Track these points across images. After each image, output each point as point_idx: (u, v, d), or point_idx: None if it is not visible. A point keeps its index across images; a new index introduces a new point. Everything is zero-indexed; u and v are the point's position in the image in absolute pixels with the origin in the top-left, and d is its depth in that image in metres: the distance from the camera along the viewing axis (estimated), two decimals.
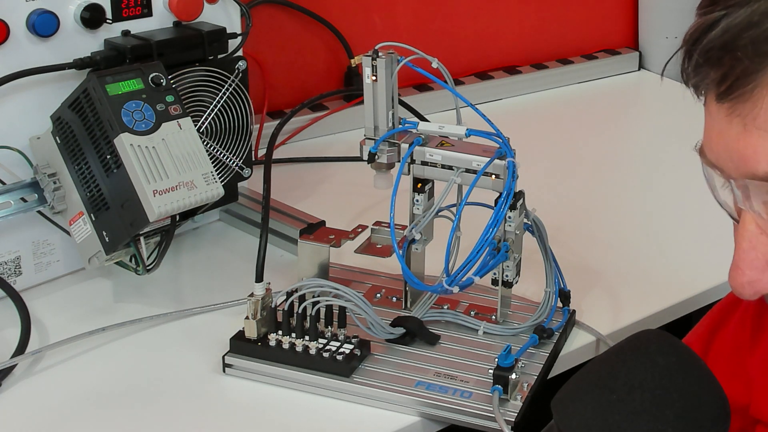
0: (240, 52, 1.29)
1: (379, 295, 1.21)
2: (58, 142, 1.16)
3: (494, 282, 1.13)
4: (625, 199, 1.56)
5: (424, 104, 1.66)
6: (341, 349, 1.06)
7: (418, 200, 1.14)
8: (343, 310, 1.07)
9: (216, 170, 1.18)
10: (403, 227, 1.14)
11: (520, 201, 1.10)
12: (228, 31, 1.27)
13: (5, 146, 1.16)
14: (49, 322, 1.17)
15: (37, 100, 1.17)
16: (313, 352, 1.06)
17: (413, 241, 1.14)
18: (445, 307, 1.18)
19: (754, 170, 0.67)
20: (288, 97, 1.74)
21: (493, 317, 1.15)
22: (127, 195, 1.11)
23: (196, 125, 1.20)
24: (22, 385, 1.07)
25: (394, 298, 1.20)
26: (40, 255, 1.23)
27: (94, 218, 1.15)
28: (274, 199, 1.35)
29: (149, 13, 1.24)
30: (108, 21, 1.20)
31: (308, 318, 1.06)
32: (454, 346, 1.12)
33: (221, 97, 1.27)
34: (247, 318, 1.08)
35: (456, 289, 1.06)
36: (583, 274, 1.29)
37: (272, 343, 1.07)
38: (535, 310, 1.16)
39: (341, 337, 1.08)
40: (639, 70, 2.13)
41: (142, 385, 1.08)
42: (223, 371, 1.09)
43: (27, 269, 1.22)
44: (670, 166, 1.68)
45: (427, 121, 1.25)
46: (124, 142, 1.10)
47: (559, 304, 1.16)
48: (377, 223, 1.19)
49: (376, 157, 1.13)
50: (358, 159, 1.15)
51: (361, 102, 1.13)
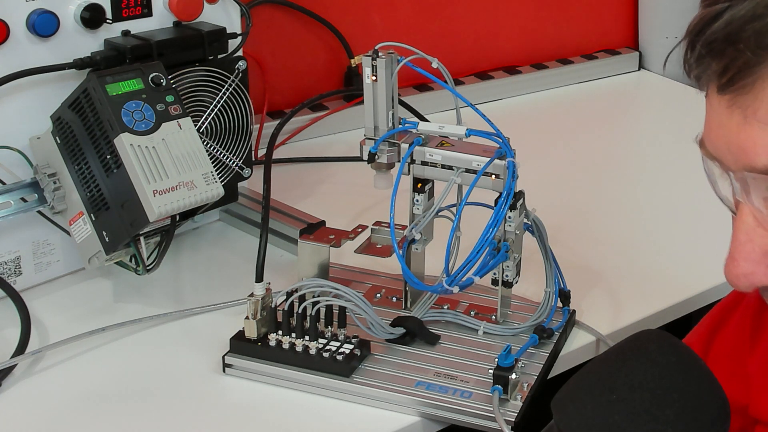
0: (240, 52, 1.29)
1: (379, 295, 1.21)
2: (58, 142, 1.16)
3: (494, 282, 1.13)
4: (625, 199, 1.56)
5: (424, 104, 1.66)
6: (341, 349, 1.06)
7: (418, 200, 1.14)
8: (343, 310, 1.07)
9: (216, 170, 1.18)
10: (403, 227, 1.14)
11: (520, 201, 1.10)
12: (228, 31, 1.27)
13: (5, 146, 1.16)
14: (49, 322, 1.17)
15: (37, 100, 1.17)
16: (313, 352, 1.06)
17: (413, 241, 1.14)
18: (445, 307, 1.18)
19: (753, 163, 0.67)
20: (288, 97, 1.74)
21: (493, 317, 1.15)
22: (127, 195, 1.11)
23: (196, 125, 1.20)
24: (22, 385, 1.07)
25: (394, 298, 1.20)
26: (40, 255, 1.23)
27: (94, 218, 1.15)
28: (274, 199, 1.35)
29: (149, 13, 1.24)
30: (108, 21, 1.20)
31: (308, 318, 1.06)
32: (454, 346, 1.12)
33: (221, 97, 1.27)
34: (247, 318, 1.08)
35: (456, 289, 1.06)
36: (583, 274, 1.29)
37: (272, 343, 1.07)
38: (535, 310, 1.16)
39: (341, 337, 1.08)
40: (639, 70, 2.13)
41: (142, 385, 1.08)
42: (223, 371, 1.09)
43: (27, 269, 1.22)
44: (670, 165, 1.68)
45: (427, 121, 1.25)
46: (124, 142, 1.10)
47: (559, 304, 1.16)
48: (377, 223, 1.19)
49: (376, 157, 1.13)
50: (358, 159, 1.15)
51: (361, 102, 1.13)
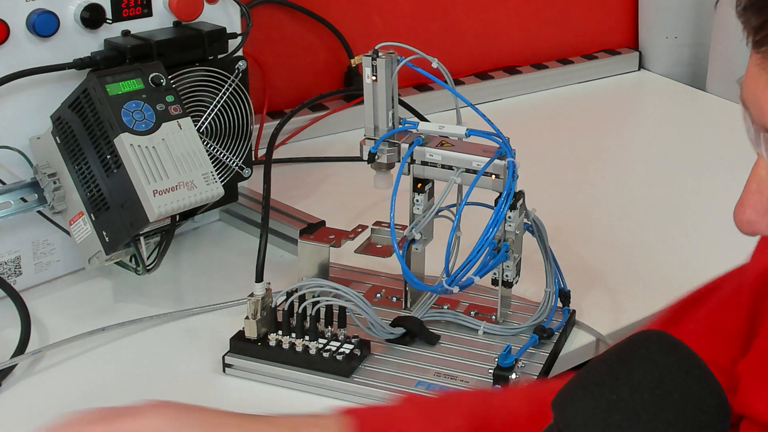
0: (240, 52, 1.29)
1: (379, 295, 1.21)
2: (58, 142, 1.16)
3: (494, 282, 1.13)
4: (625, 199, 1.56)
5: (424, 104, 1.66)
6: (341, 349, 1.06)
7: (418, 200, 1.14)
8: (343, 310, 1.07)
9: (216, 170, 1.18)
10: (403, 227, 1.14)
11: (520, 201, 1.10)
12: (228, 31, 1.27)
13: (5, 146, 1.16)
14: (49, 322, 1.17)
15: (37, 100, 1.17)
16: (313, 352, 1.06)
17: (413, 241, 1.14)
18: (445, 307, 1.18)
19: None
20: (288, 97, 1.74)
21: (493, 317, 1.15)
22: (127, 195, 1.11)
23: (196, 125, 1.20)
24: (22, 385, 1.07)
25: (394, 298, 1.20)
26: (40, 255, 1.23)
27: (94, 218, 1.15)
28: (274, 199, 1.35)
29: (149, 13, 1.24)
30: (108, 21, 1.20)
31: (308, 318, 1.06)
32: (454, 346, 1.11)
33: (221, 97, 1.27)
34: (247, 318, 1.08)
35: (456, 289, 1.06)
36: (583, 274, 1.28)
37: (272, 343, 1.07)
38: (535, 310, 1.16)
39: (341, 337, 1.08)
40: (639, 70, 2.13)
41: (142, 385, 1.08)
42: (223, 371, 1.09)
43: (27, 269, 1.22)
44: (670, 165, 1.68)
45: (427, 121, 1.25)
46: (124, 142, 1.10)
47: (559, 304, 1.16)
48: (377, 223, 1.19)
49: (376, 157, 1.13)
50: (358, 159, 1.15)
51: (361, 102, 1.13)
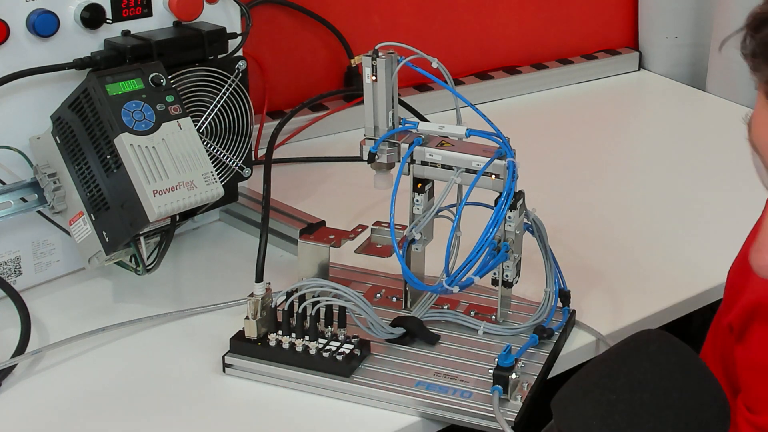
0: (240, 52, 1.29)
1: (379, 295, 1.21)
2: (58, 142, 1.16)
3: (494, 282, 1.13)
4: (625, 199, 1.56)
5: (424, 104, 1.66)
6: (341, 349, 1.06)
7: (418, 200, 1.14)
8: (343, 310, 1.07)
9: (216, 170, 1.18)
10: (403, 227, 1.14)
11: (520, 201, 1.10)
12: (228, 31, 1.27)
13: (5, 146, 1.16)
14: (49, 322, 1.17)
15: (37, 100, 1.17)
16: (313, 352, 1.06)
17: (413, 241, 1.14)
18: (445, 307, 1.18)
19: None
20: (288, 97, 1.74)
21: (493, 317, 1.15)
22: (127, 195, 1.11)
23: (196, 125, 1.20)
24: (22, 385, 1.07)
25: (394, 298, 1.20)
26: (40, 255, 1.23)
27: (94, 218, 1.15)
28: (274, 199, 1.35)
29: (149, 13, 1.24)
30: (108, 21, 1.20)
31: (308, 318, 1.06)
32: (454, 346, 1.12)
33: (221, 97, 1.27)
34: (247, 318, 1.08)
35: (456, 289, 1.06)
36: (583, 274, 1.28)
37: (272, 343, 1.07)
38: (535, 310, 1.16)
39: (341, 337, 1.08)
40: (639, 70, 2.13)
41: (142, 385, 1.08)
42: (223, 371, 1.09)
43: (27, 269, 1.22)
44: (670, 165, 1.68)
45: (427, 121, 1.25)
46: (124, 142, 1.10)
47: (559, 304, 1.16)
48: (377, 223, 1.19)
49: (376, 157, 1.13)
50: (358, 159, 1.15)
51: (361, 102, 1.13)
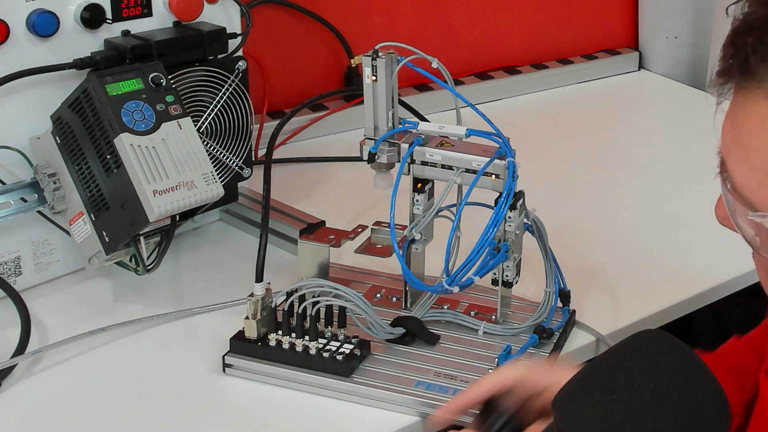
0: (240, 52, 1.29)
1: (379, 295, 1.21)
2: (58, 142, 1.16)
3: (494, 282, 1.13)
4: (625, 199, 1.56)
5: (424, 104, 1.66)
6: (341, 349, 1.06)
7: (418, 200, 1.14)
8: (343, 310, 1.07)
9: (216, 170, 1.18)
10: (403, 227, 1.14)
11: (520, 201, 1.10)
12: (228, 31, 1.27)
13: (5, 146, 1.16)
14: (49, 322, 1.17)
15: (37, 100, 1.17)
16: (313, 352, 1.06)
17: (413, 241, 1.14)
18: (445, 307, 1.18)
19: None
20: (288, 97, 1.74)
21: (493, 317, 1.15)
22: (127, 195, 1.11)
23: (196, 125, 1.20)
24: (22, 385, 1.07)
25: (394, 298, 1.20)
26: (40, 255, 1.23)
27: (94, 218, 1.15)
28: (274, 199, 1.35)
29: (149, 13, 1.24)
30: (108, 21, 1.20)
31: (308, 318, 1.06)
32: (454, 346, 1.12)
33: (221, 97, 1.27)
34: (247, 318, 1.08)
35: (456, 289, 1.06)
36: (583, 274, 1.28)
37: (272, 343, 1.07)
38: (535, 310, 1.16)
39: (341, 337, 1.08)
40: (639, 70, 2.13)
41: (142, 385, 1.08)
42: (223, 371, 1.09)
43: (27, 269, 1.22)
44: (670, 165, 1.68)
45: (427, 121, 1.25)
46: (124, 142, 1.10)
47: (559, 304, 1.16)
48: (377, 223, 1.19)
49: (376, 157, 1.13)
50: (358, 159, 1.15)
51: (361, 102, 1.13)
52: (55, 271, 1.25)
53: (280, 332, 1.07)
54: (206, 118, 1.27)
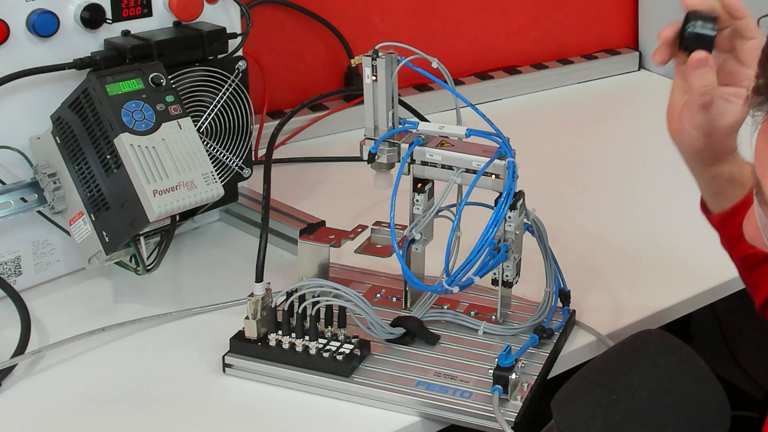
0: (240, 52, 1.29)
1: (379, 295, 1.21)
2: (58, 142, 1.16)
3: (494, 282, 1.13)
4: (625, 199, 1.56)
5: (424, 104, 1.66)
6: (341, 349, 1.06)
7: (418, 200, 1.14)
8: (343, 310, 1.07)
9: (216, 170, 1.18)
10: (403, 227, 1.14)
11: (520, 201, 1.10)
12: (228, 31, 1.27)
13: (5, 146, 1.16)
14: (49, 322, 1.17)
15: (37, 100, 1.17)
16: (313, 352, 1.06)
17: (413, 241, 1.14)
18: (445, 307, 1.18)
19: None
20: (288, 97, 1.74)
21: (493, 317, 1.15)
22: (127, 195, 1.11)
23: (196, 125, 1.20)
24: (22, 385, 1.07)
25: (394, 298, 1.20)
26: (40, 255, 1.23)
27: (94, 218, 1.15)
28: (274, 199, 1.35)
29: (149, 13, 1.24)
30: (108, 21, 1.20)
31: (308, 318, 1.06)
32: (454, 346, 1.11)
33: (221, 97, 1.27)
34: (247, 318, 1.08)
35: (456, 289, 1.06)
36: (583, 274, 1.29)
37: (272, 343, 1.07)
38: (535, 310, 1.16)
39: (341, 337, 1.08)
40: (639, 70, 2.13)
41: (142, 385, 1.08)
42: (223, 371, 1.09)
43: (27, 269, 1.22)
44: (671, 166, 1.67)
45: (427, 121, 1.25)
46: (124, 142, 1.10)
47: (559, 304, 1.16)
48: (377, 223, 1.19)
49: (376, 157, 1.13)
50: (358, 159, 1.15)
51: (361, 102, 1.13)
52: (55, 271, 1.25)
53: (280, 332, 1.07)
54: (206, 118, 1.27)
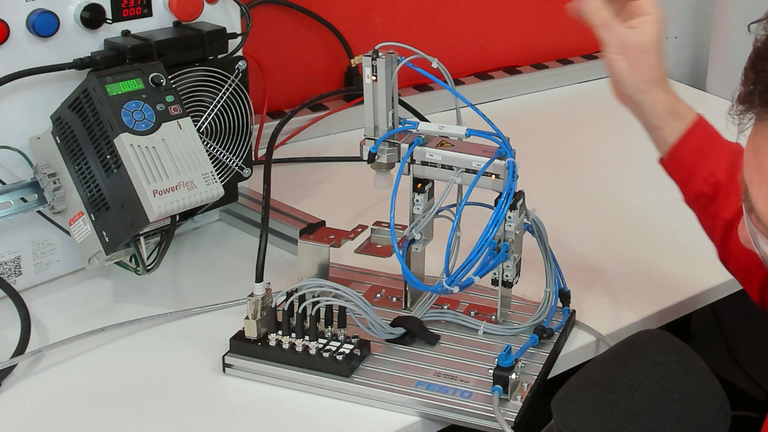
0: (240, 52, 1.30)
1: (379, 295, 1.21)
2: (58, 142, 1.16)
3: (494, 282, 1.13)
4: (625, 199, 1.56)
5: (424, 104, 1.66)
6: (341, 349, 1.06)
7: (418, 200, 1.14)
8: (343, 310, 1.07)
9: (216, 170, 1.18)
10: (403, 227, 1.14)
11: (520, 201, 1.10)
12: (228, 31, 1.27)
13: (5, 146, 1.16)
14: (49, 322, 1.17)
15: (37, 100, 1.17)
16: (313, 352, 1.06)
17: (413, 241, 1.14)
18: (445, 307, 1.18)
19: None
20: (288, 97, 1.74)
21: (493, 317, 1.15)
22: (127, 195, 1.11)
23: (196, 125, 1.20)
24: (22, 385, 1.07)
25: (394, 298, 1.20)
26: (40, 255, 1.23)
27: (94, 218, 1.15)
28: (274, 199, 1.35)
29: (149, 13, 1.24)
30: (108, 21, 1.20)
31: (308, 318, 1.06)
32: (454, 346, 1.12)
33: (221, 97, 1.27)
34: (247, 318, 1.08)
35: (456, 289, 1.06)
36: (583, 274, 1.29)
37: (272, 343, 1.07)
38: (535, 310, 1.16)
39: (341, 337, 1.08)
40: None
41: (142, 385, 1.08)
42: (223, 371, 1.09)
43: (27, 269, 1.22)
44: None
45: (427, 121, 1.25)
46: (124, 142, 1.10)
47: (559, 304, 1.16)
48: (377, 223, 1.19)
49: (376, 157, 1.13)
50: (358, 159, 1.15)
51: (361, 102, 1.13)
52: (55, 271, 1.25)
53: (280, 332, 1.07)
54: (206, 118, 1.27)
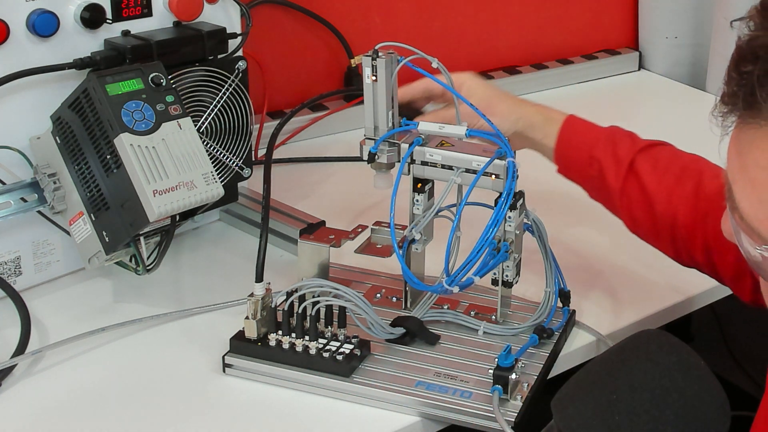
0: (240, 52, 1.30)
1: (379, 295, 1.21)
2: (58, 142, 1.16)
3: (494, 282, 1.13)
4: None
5: None
6: (341, 349, 1.06)
7: (418, 200, 1.14)
8: (343, 310, 1.07)
9: (216, 170, 1.18)
10: (403, 227, 1.14)
11: (520, 201, 1.10)
12: (228, 31, 1.27)
13: (5, 146, 1.16)
14: (49, 322, 1.17)
15: (37, 100, 1.17)
16: (313, 352, 1.06)
17: (413, 241, 1.14)
18: (445, 307, 1.18)
19: None
20: (288, 97, 1.74)
21: (493, 317, 1.15)
22: (127, 195, 1.11)
23: (196, 125, 1.20)
24: (22, 385, 1.07)
25: (394, 298, 1.20)
26: (40, 255, 1.23)
27: (94, 218, 1.15)
28: (274, 199, 1.35)
29: (149, 13, 1.24)
30: (108, 21, 1.20)
31: (308, 318, 1.06)
32: (454, 346, 1.11)
33: (221, 97, 1.27)
34: (247, 318, 1.08)
35: (456, 289, 1.06)
36: (583, 274, 1.29)
37: (272, 343, 1.07)
38: (535, 310, 1.16)
39: (341, 337, 1.08)
40: (639, 70, 2.13)
41: (142, 385, 1.08)
42: (223, 371, 1.09)
43: (27, 269, 1.22)
44: None
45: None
46: (124, 142, 1.10)
47: (559, 304, 1.16)
48: (377, 223, 1.19)
49: (376, 157, 1.13)
50: (358, 159, 1.15)
51: (361, 102, 1.13)
52: (55, 271, 1.25)
53: (280, 332, 1.07)
54: (206, 118, 1.27)
